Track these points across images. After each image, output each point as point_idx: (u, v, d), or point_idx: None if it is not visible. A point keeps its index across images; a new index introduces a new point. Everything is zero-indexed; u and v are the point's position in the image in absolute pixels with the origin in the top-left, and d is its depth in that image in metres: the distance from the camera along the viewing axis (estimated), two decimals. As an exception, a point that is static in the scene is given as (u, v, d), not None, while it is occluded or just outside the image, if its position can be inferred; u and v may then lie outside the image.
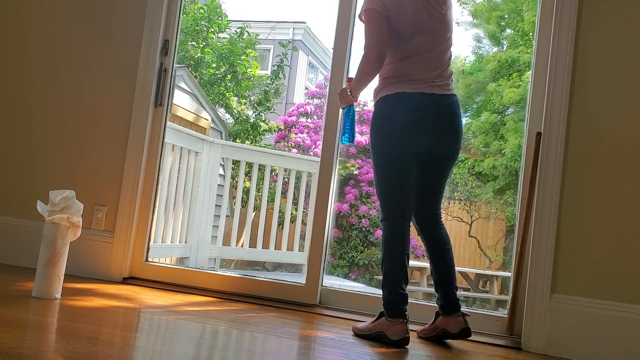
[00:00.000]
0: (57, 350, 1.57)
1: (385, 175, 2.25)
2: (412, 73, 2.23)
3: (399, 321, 2.14)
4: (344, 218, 8.32)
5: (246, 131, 8.47)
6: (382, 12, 2.21)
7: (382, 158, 2.25)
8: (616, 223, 2.38)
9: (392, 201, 2.26)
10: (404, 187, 2.24)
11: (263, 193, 5.24)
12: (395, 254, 2.23)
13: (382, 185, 2.27)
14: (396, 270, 2.21)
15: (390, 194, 2.26)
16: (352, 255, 8.12)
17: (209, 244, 4.98)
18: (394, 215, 2.26)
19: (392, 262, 2.23)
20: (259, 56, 10.35)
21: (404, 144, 2.21)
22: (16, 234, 2.98)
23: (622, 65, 2.43)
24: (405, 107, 2.20)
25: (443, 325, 2.26)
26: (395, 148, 2.21)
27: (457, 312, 2.24)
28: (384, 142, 2.23)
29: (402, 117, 2.19)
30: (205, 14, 8.90)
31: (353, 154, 8.64)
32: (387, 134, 2.22)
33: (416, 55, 2.24)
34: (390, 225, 2.27)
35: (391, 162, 2.23)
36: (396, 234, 2.25)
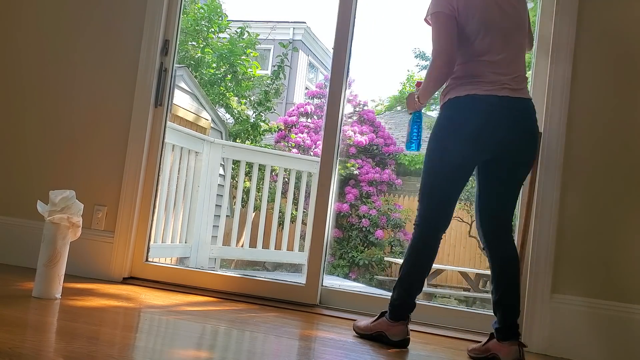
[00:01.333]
0: (57, 350, 1.57)
1: (435, 182, 2.13)
2: (484, 74, 2.08)
3: (400, 322, 2.13)
4: (344, 218, 8.32)
5: (246, 131, 8.47)
6: (450, 14, 2.09)
7: (439, 163, 2.11)
8: (616, 223, 2.38)
9: (434, 210, 2.14)
10: (451, 199, 2.13)
11: (263, 193, 5.24)
12: (419, 262, 2.13)
13: (428, 191, 2.14)
14: (414, 278, 2.13)
15: (434, 202, 2.13)
16: (352, 255, 8.12)
17: (209, 244, 4.98)
18: (429, 225, 2.14)
19: (412, 269, 2.13)
20: (259, 56, 10.35)
21: (471, 151, 2.07)
22: (16, 234, 2.98)
23: (622, 65, 2.43)
24: (476, 111, 2.06)
25: (495, 350, 2.06)
26: (459, 155, 2.08)
27: (514, 340, 2.03)
28: (447, 148, 2.09)
29: (472, 122, 2.05)
30: (206, 14, 8.90)
31: (353, 154, 8.64)
32: (454, 139, 2.08)
33: (487, 55, 2.10)
34: (423, 233, 2.14)
35: (449, 170, 2.10)
36: (427, 244, 2.14)
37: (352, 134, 8.69)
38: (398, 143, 10.02)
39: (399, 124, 11.99)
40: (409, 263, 2.14)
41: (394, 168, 9.18)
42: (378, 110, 13.48)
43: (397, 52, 25.35)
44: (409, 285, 2.14)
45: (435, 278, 7.74)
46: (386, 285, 8.11)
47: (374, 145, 8.95)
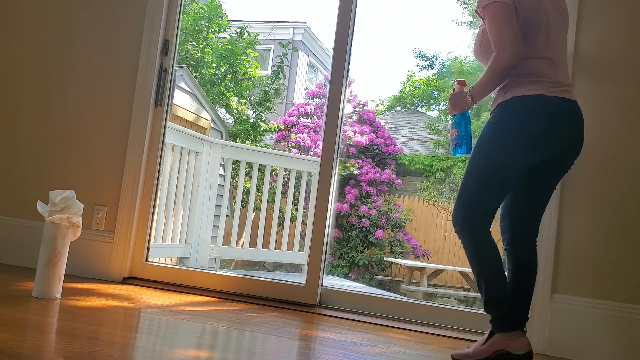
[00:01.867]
0: (57, 350, 1.57)
1: (486, 187, 1.98)
2: (547, 73, 1.97)
3: (518, 333, 1.94)
4: (344, 218, 8.32)
5: (246, 131, 8.47)
6: (510, 3, 1.93)
7: (492, 165, 1.97)
8: (616, 223, 2.38)
9: (484, 213, 2.00)
10: (498, 202, 2.02)
11: (263, 193, 5.24)
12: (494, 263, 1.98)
13: (474, 192, 1.99)
14: (499, 278, 1.97)
15: (486, 207, 2.00)
16: (352, 255, 8.12)
17: (209, 244, 4.98)
18: (481, 224, 1.99)
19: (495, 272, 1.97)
20: (259, 56, 10.35)
21: (531, 155, 1.96)
22: (16, 234, 2.98)
23: (621, 64, 2.43)
24: (542, 113, 1.93)
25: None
26: (517, 157, 1.96)
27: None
28: (505, 149, 1.96)
29: (537, 124, 1.93)
30: (206, 14, 8.90)
31: (353, 154, 8.64)
32: (514, 140, 1.95)
33: (546, 52, 1.99)
34: (479, 233, 1.99)
35: (503, 172, 1.97)
36: (490, 241, 1.99)
37: (352, 134, 8.69)
38: (398, 143, 10.03)
39: (399, 124, 12.00)
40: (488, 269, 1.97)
41: (394, 168, 9.18)
42: (378, 110, 13.49)
43: (397, 52, 25.35)
44: (499, 290, 1.97)
45: (435, 278, 7.74)
46: (386, 285, 8.12)
47: (374, 145, 8.95)
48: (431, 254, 8.74)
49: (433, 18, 26.44)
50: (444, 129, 10.70)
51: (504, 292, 1.96)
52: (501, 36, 1.93)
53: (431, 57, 13.60)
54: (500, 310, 1.96)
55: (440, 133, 10.51)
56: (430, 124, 10.90)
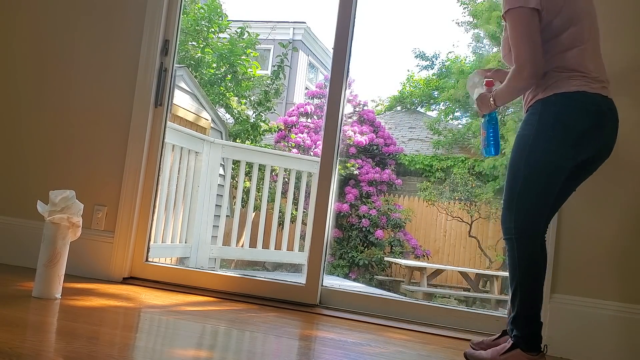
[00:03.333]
0: (57, 350, 1.57)
1: (532, 188, 1.90)
2: (587, 67, 1.89)
3: (539, 355, 1.88)
4: (344, 218, 8.32)
5: (246, 131, 8.47)
6: (535, 6, 1.85)
7: (537, 165, 1.89)
8: (616, 223, 2.38)
9: (534, 217, 1.92)
10: (548, 204, 1.94)
11: (263, 193, 5.24)
12: (537, 278, 1.90)
13: (527, 198, 1.91)
14: (538, 297, 1.90)
15: (535, 210, 1.91)
16: (352, 255, 8.12)
17: (209, 244, 4.98)
18: (533, 233, 1.92)
19: (534, 288, 1.89)
20: (259, 56, 10.35)
21: (575, 154, 1.90)
22: (16, 234, 2.98)
23: (621, 64, 2.43)
24: (586, 111, 1.87)
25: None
26: (563, 160, 1.89)
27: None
28: (549, 147, 1.88)
29: (582, 123, 1.87)
30: (206, 14, 8.90)
31: (353, 154, 8.64)
32: (559, 140, 1.87)
33: (583, 45, 1.91)
34: (530, 244, 1.90)
35: (549, 173, 1.89)
36: (539, 254, 1.91)
37: (352, 134, 8.69)
38: (398, 143, 10.03)
39: (399, 124, 12.00)
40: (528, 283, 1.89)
41: (394, 168, 9.18)
42: (378, 110, 13.49)
43: (397, 52, 25.37)
44: (535, 305, 1.90)
45: (435, 278, 7.74)
46: (386, 285, 8.12)
47: (374, 145, 8.95)
48: (431, 254, 8.75)
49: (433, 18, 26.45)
50: (443, 129, 10.70)
51: (537, 311, 1.89)
52: (520, 51, 1.88)
53: (431, 57, 13.60)
54: (529, 329, 1.89)
55: (440, 133, 10.51)
56: (430, 124, 10.90)
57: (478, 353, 2.02)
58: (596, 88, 1.89)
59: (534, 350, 1.88)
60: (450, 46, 20.98)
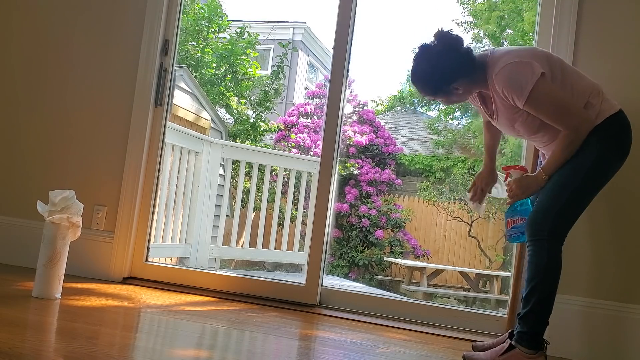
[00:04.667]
0: (57, 350, 1.57)
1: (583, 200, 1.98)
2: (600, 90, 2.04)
3: (539, 354, 1.92)
4: (344, 218, 8.32)
5: (246, 131, 8.47)
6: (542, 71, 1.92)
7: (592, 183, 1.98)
8: (616, 223, 2.37)
9: (567, 225, 1.98)
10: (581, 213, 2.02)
11: (263, 193, 5.24)
12: (556, 282, 1.96)
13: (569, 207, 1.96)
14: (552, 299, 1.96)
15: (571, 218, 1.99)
16: (352, 255, 8.12)
17: (209, 244, 4.98)
18: (560, 239, 1.98)
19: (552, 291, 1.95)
20: (259, 56, 10.35)
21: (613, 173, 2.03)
22: (16, 234, 2.98)
23: (621, 64, 2.43)
24: (628, 127, 2.01)
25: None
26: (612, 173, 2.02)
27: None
28: (611, 166, 2.00)
29: (629, 138, 2.01)
30: (206, 14, 8.90)
31: (353, 154, 8.64)
32: (619, 158, 2.00)
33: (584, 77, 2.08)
34: (555, 248, 1.97)
35: (598, 190, 2.01)
36: (560, 257, 1.98)
37: (352, 134, 8.69)
38: (398, 143, 10.03)
39: (399, 124, 12.00)
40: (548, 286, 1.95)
41: (394, 168, 9.18)
42: (378, 110, 13.49)
43: (397, 52, 25.36)
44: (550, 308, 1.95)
45: (435, 278, 7.74)
46: (386, 285, 8.12)
47: (373, 145, 8.95)
48: (431, 254, 8.75)
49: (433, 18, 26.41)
50: (443, 129, 10.70)
51: (549, 313, 1.94)
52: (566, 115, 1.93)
53: (431, 57, 13.54)
54: (537, 327, 1.93)
55: (440, 133, 10.51)
56: (430, 124, 10.90)
57: (477, 355, 2.02)
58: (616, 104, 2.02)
59: (534, 348, 1.91)
60: (450, 46, 20.88)
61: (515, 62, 1.95)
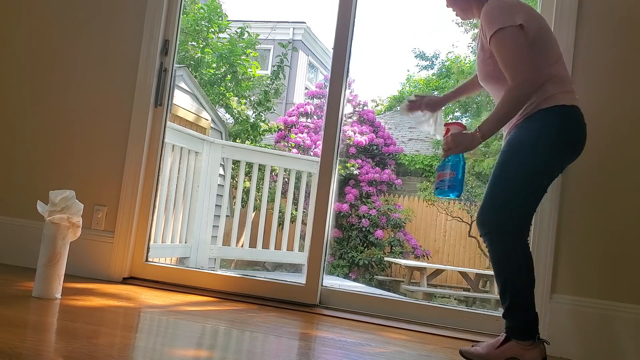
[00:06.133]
0: (57, 350, 1.57)
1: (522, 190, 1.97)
2: (569, 79, 2.04)
3: (534, 344, 1.92)
4: (344, 218, 8.32)
5: (246, 131, 8.48)
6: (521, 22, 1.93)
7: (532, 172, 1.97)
8: (616, 223, 2.38)
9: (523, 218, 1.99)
10: (534, 206, 2.01)
11: (263, 193, 5.24)
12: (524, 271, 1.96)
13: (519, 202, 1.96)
14: (528, 288, 1.96)
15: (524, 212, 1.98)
16: (352, 255, 8.12)
17: (209, 244, 4.98)
18: (519, 231, 1.98)
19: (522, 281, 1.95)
20: (259, 56, 10.36)
21: (566, 163, 2.04)
22: (16, 234, 2.98)
23: (621, 64, 2.43)
24: (581, 124, 2.01)
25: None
26: (557, 165, 2.02)
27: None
28: (550, 157, 1.98)
29: (578, 134, 2.00)
30: (206, 14, 8.90)
31: (353, 154, 8.64)
32: (558, 150, 1.98)
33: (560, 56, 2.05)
34: (516, 240, 1.96)
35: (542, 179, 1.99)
36: (524, 249, 1.98)
37: (352, 134, 8.69)
38: (398, 143, 10.03)
39: (399, 124, 12.00)
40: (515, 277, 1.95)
41: (394, 168, 9.18)
42: (378, 110, 13.50)
43: (397, 52, 25.38)
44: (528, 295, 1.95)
45: (435, 278, 7.75)
46: (386, 285, 8.12)
47: (373, 145, 8.95)
48: (431, 254, 8.75)
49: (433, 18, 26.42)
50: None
51: (528, 301, 1.94)
52: (517, 68, 1.92)
53: (431, 57, 13.60)
54: (521, 318, 1.95)
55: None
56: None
57: (474, 349, 2.03)
58: (576, 101, 2.02)
59: (528, 339, 1.92)
60: (450, 46, 20.98)
61: (505, 2, 2.00)
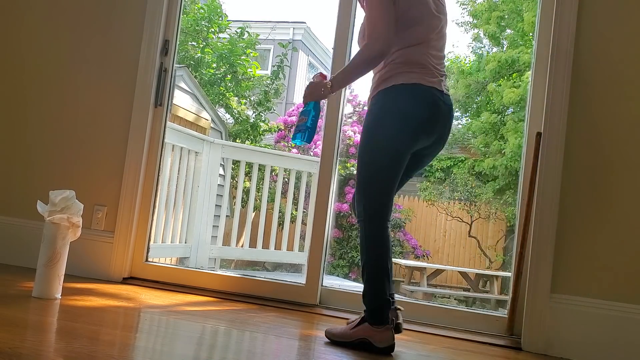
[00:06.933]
0: (57, 350, 1.57)
1: (379, 174, 2.02)
2: (425, 64, 2.03)
3: (385, 327, 1.98)
4: (344, 218, 8.32)
5: (246, 131, 8.48)
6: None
7: (381, 150, 2.01)
8: (616, 223, 2.38)
9: (380, 201, 2.02)
10: (392, 189, 2.04)
11: (263, 193, 5.24)
12: (381, 258, 2.00)
13: (372, 183, 2.03)
14: (383, 275, 2.00)
15: (379, 194, 2.02)
16: (352, 255, 8.12)
17: (209, 244, 4.98)
18: (379, 217, 2.02)
19: (378, 266, 2.00)
20: (259, 56, 10.36)
21: (412, 142, 2.02)
22: (16, 234, 2.98)
23: (622, 65, 2.43)
24: (422, 103, 2.00)
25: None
26: (402, 145, 2.00)
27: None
28: (391, 133, 1.99)
29: (418, 113, 2.00)
30: (206, 14, 8.91)
31: (353, 154, 8.64)
32: (399, 128, 1.99)
33: (427, 43, 2.05)
34: (375, 226, 2.02)
35: (391, 158, 2.00)
36: (382, 236, 2.01)
37: (352, 134, 8.69)
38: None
39: (399, 124, 11.99)
40: (373, 263, 2.00)
41: (394, 168, 9.15)
42: (378, 110, 13.45)
43: (397, 52, 25.30)
44: (381, 283, 2.00)
45: (435, 278, 7.75)
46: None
47: (374, 145, 8.93)
48: (431, 254, 8.75)
49: (433, 18, 26.31)
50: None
51: (383, 287, 1.99)
52: (376, 26, 1.98)
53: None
54: (376, 303, 2.00)
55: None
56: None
57: (333, 328, 2.14)
58: (433, 82, 2.02)
59: (382, 324, 1.98)
60: (450, 46, 20.95)
61: None
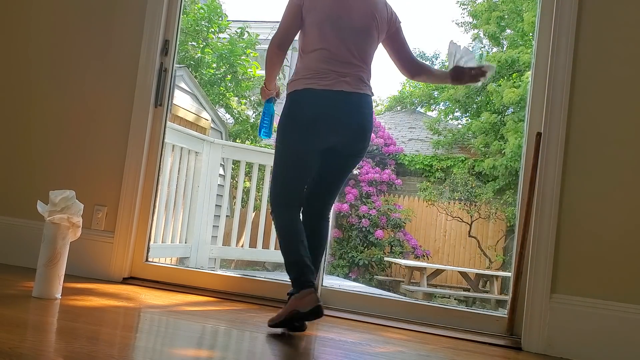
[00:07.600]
0: (57, 350, 1.57)
1: (280, 169, 2.29)
2: (320, 66, 2.23)
3: (307, 292, 2.10)
4: (344, 218, 8.33)
5: (246, 131, 8.48)
6: (297, 3, 2.26)
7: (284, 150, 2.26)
8: (616, 223, 2.38)
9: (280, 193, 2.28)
10: (300, 182, 2.28)
11: (263, 193, 5.24)
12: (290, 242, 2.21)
13: (277, 178, 2.30)
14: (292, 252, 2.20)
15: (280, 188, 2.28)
16: (352, 255, 8.13)
17: (209, 244, 4.98)
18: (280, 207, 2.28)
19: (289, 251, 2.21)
20: (259, 56, 10.35)
21: (310, 139, 2.22)
22: (16, 234, 2.98)
23: (622, 65, 2.43)
24: (311, 104, 2.21)
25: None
26: (296, 142, 2.23)
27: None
28: (289, 135, 2.24)
29: (307, 115, 2.21)
30: (206, 14, 8.90)
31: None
32: (291, 128, 2.23)
33: (322, 44, 2.24)
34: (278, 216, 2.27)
35: (289, 155, 2.26)
36: (287, 223, 2.25)
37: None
38: (398, 143, 10.03)
39: (399, 124, 12.01)
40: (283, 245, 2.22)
41: (394, 168, 9.19)
42: (378, 111, 13.50)
43: (396, 52, 25.30)
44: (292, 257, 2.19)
45: (435, 278, 7.75)
46: (386, 285, 8.12)
47: (374, 145, 8.95)
48: (431, 254, 8.75)
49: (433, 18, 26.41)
50: (443, 129, 10.71)
51: (296, 258, 2.17)
52: (278, 28, 2.28)
53: (431, 57, 13.59)
54: (292, 272, 2.18)
55: (440, 133, 10.52)
56: (430, 124, 10.91)
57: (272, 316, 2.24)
58: (327, 85, 2.20)
59: (301, 289, 2.13)
60: (450, 46, 20.95)
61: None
